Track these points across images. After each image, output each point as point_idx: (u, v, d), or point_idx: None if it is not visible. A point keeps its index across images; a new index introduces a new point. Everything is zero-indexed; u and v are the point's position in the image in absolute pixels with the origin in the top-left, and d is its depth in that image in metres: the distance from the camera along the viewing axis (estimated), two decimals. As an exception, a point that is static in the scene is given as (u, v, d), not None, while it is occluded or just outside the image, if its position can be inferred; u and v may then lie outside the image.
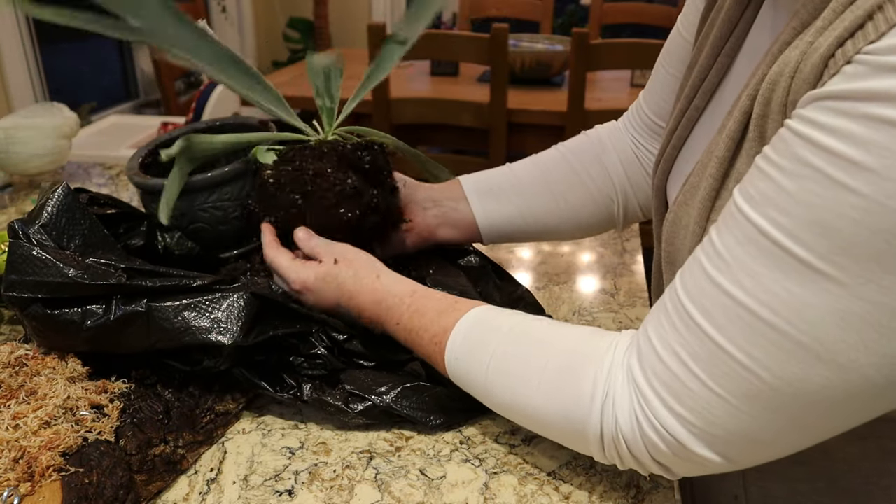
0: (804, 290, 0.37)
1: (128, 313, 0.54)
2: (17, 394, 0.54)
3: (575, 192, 0.74)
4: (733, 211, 0.41)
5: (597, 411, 0.47)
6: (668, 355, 0.43)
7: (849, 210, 0.34)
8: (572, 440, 0.50)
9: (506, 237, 0.75)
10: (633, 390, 0.46)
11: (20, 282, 0.55)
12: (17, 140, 1.07)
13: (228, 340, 0.54)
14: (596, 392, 0.47)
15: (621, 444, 0.46)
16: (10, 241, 0.57)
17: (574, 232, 0.77)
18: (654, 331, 0.45)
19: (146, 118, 1.65)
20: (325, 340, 0.60)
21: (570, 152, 0.77)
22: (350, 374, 0.60)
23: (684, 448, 0.43)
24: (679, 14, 0.69)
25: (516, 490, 0.54)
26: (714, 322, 0.41)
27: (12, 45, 2.27)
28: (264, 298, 0.57)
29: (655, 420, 0.44)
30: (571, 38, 1.82)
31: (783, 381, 0.39)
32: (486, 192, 0.73)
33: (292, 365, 0.59)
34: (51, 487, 0.47)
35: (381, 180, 0.68)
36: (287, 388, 0.59)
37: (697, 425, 0.42)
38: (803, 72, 0.39)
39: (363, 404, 0.58)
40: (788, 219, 0.37)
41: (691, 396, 0.42)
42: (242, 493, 0.53)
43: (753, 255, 0.39)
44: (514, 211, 0.74)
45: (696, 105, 0.58)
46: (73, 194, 0.62)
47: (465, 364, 0.54)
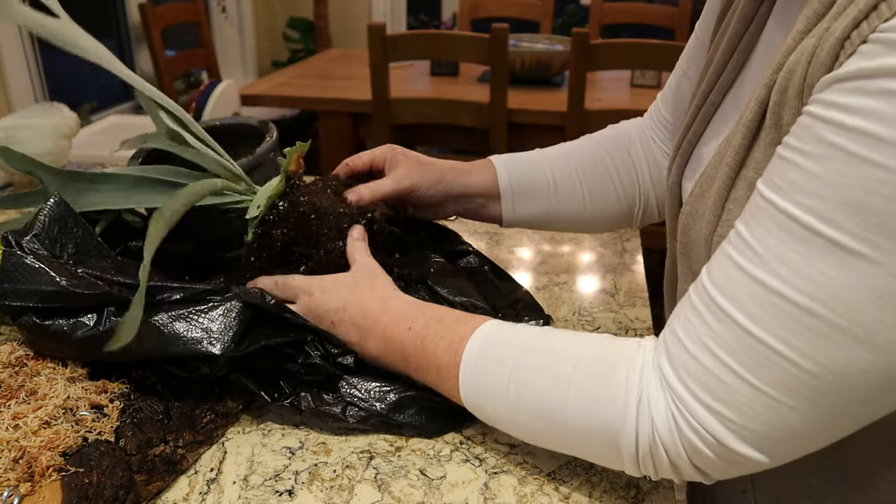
0: (839, 273, 0.37)
1: (117, 325, 0.54)
2: (17, 394, 0.54)
3: (601, 191, 0.75)
4: (760, 203, 0.41)
5: (632, 415, 0.45)
6: (699, 350, 0.43)
7: (877, 186, 0.35)
8: (603, 450, 0.48)
9: (527, 225, 0.76)
10: (666, 391, 0.45)
11: (13, 290, 0.55)
12: (17, 140, 1.07)
13: (219, 351, 0.54)
14: (630, 395, 0.46)
15: (658, 448, 0.45)
16: (4, 250, 0.57)
17: (590, 228, 0.78)
18: (682, 328, 0.45)
19: (146, 118, 1.65)
20: (319, 350, 0.60)
21: (599, 145, 0.77)
22: (347, 382, 0.59)
23: (723, 447, 0.42)
24: (679, 15, 0.70)
25: (516, 490, 0.54)
26: (747, 312, 0.40)
27: (12, 45, 2.26)
28: (257, 307, 0.57)
29: (693, 419, 0.43)
30: (571, 38, 1.82)
31: (822, 368, 0.38)
32: (521, 194, 0.73)
33: (289, 372, 0.59)
34: (51, 487, 0.47)
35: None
36: (284, 396, 0.58)
37: (735, 421, 0.41)
38: (819, 56, 0.39)
39: (360, 413, 0.58)
40: (818, 202, 0.37)
41: (727, 391, 0.41)
42: (242, 493, 0.53)
43: (786, 241, 0.38)
44: (542, 212, 0.74)
45: (711, 101, 0.58)
46: (66, 204, 0.62)
47: (482, 377, 0.52)
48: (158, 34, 2.60)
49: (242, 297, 0.56)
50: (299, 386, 0.59)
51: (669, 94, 0.75)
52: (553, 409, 0.49)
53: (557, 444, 0.51)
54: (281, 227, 0.65)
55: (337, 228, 0.65)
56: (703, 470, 0.45)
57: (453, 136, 2.18)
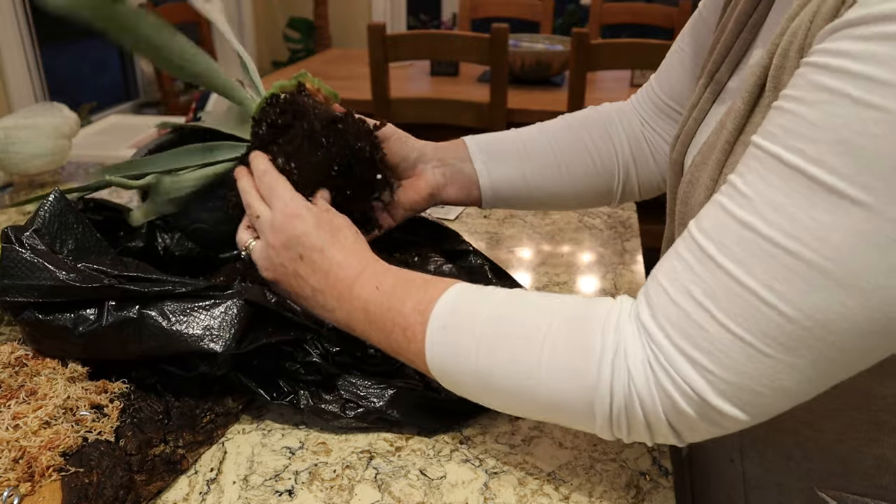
0: (829, 215, 0.36)
1: (120, 319, 0.54)
2: (17, 394, 0.54)
3: (578, 161, 0.75)
4: (752, 151, 0.40)
5: (607, 369, 0.44)
6: (681, 297, 0.42)
7: (872, 126, 0.34)
8: (576, 410, 0.46)
9: (504, 201, 0.75)
10: (644, 339, 0.44)
11: (13, 286, 0.55)
12: (17, 140, 1.07)
13: (220, 348, 0.54)
14: (605, 349, 0.44)
15: (633, 402, 0.44)
16: (3, 245, 0.57)
17: (571, 201, 0.77)
18: (666, 276, 0.44)
19: (146, 118, 1.65)
20: (319, 348, 0.59)
21: (577, 122, 0.77)
22: (346, 380, 0.59)
23: (701, 400, 0.42)
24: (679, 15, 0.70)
25: (516, 490, 0.54)
26: (734, 257, 0.40)
27: (12, 45, 2.26)
28: (258, 305, 0.57)
29: (671, 368, 0.42)
30: (571, 38, 1.82)
31: (803, 314, 0.38)
32: (491, 155, 0.73)
33: (288, 371, 0.59)
34: (51, 487, 0.47)
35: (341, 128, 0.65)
36: (284, 394, 0.59)
37: (714, 371, 0.41)
38: (822, 12, 0.39)
39: (358, 410, 0.58)
40: (810, 144, 0.37)
41: (707, 338, 0.41)
42: (242, 493, 0.53)
43: (776, 185, 0.38)
44: (518, 176, 0.73)
45: (718, 79, 0.59)
46: (67, 200, 0.62)
47: (452, 333, 0.50)
48: (158, 34, 2.60)
49: (244, 295, 0.56)
50: (298, 385, 0.59)
51: (664, 74, 0.76)
52: (525, 369, 0.47)
53: (529, 406, 0.49)
54: (279, 114, 0.64)
55: (332, 125, 0.64)
56: (677, 429, 0.44)
57: (453, 136, 2.17)
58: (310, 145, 0.63)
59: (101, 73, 3.01)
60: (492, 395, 0.50)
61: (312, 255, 0.57)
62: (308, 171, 0.63)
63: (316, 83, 0.68)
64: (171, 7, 2.76)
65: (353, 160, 0.64)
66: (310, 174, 0.63)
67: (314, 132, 0.63)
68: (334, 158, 0.63)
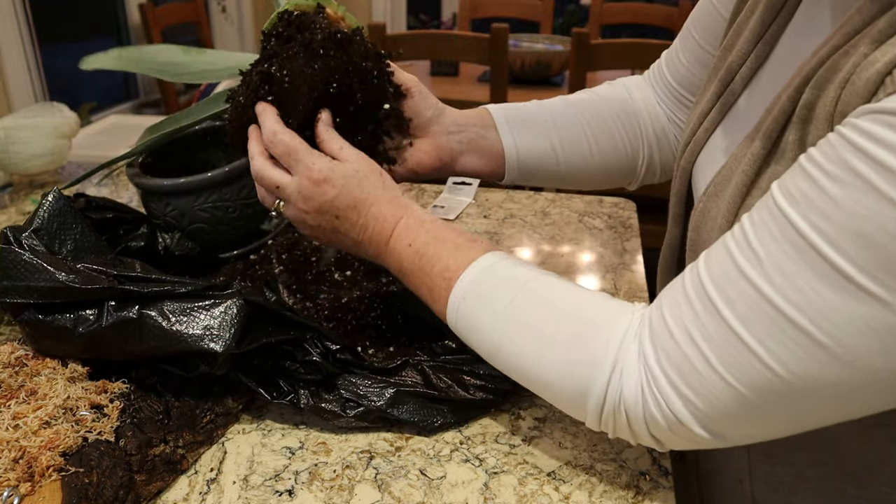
0: (836, 297, 0.37)
1: (120, 319, 0.54)
2: (17, 394, 0.54)
3: (605, 135, 0.72)
4: (770, 206, 0.40)
5: (604, 378, 0.47)
6: (681, 335, 0.43)
7: (894, 226, 0.34)
8: (571, 403, 0.50)
9: (529, 175, 0.71)
10: (642, 366, 0.46)
11: (12, 287, 0.55)
12: (17, 140, 1.07)
13: (220, 348, 0.54)
14: (607, 359, 0.47)
15: (621, 414, 0.47)
16: (2, 246, 0.57)
17: (597, 178, 0.74)
18: (670, 310, 0.45)
19: (146, 118, 1.65)
20: (319, 347, 0.60)
21: (600, 97, 0.75)
22: (346, 380, 0.60)
23: (683, 427, 0.44)
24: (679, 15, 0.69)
25: (516, 490, 0.54)
26: (736, 311, 0.40)
27: (12, 45, 2.26)
28: (257, 305, 0.57)
29: (661, 397, 0.45)
30: (571, 38, 1.82)
31: (796, 377, 0.39)
32: (518, 123, 0.69)
33: (288, 370, 0.59)
34: (51, 487, 0.47)
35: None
36: (284, 393, 0.59)
37: (701, 408, 0.43)
38: (856, 84, 0.38)
39: (359, 409, 0.58)
40: (830, 225, 0.36)
41: (699, 380, 0.42)
42: (242, 493, 0.53)
43: (789, 254, 0.38)
44: (547, 146, 0.70)
45: (732, 90, 0.57)
46: (66, 199, 0.62)
47: (472, 307, 0.53)
48: (158, 34, 2.60)
49: (244, 295, 0.56)
50: (298, 384, 0.59)
51: (675, 60, 0.73)
52: (531, 360, 0.51)
53: (529, 384, 0.53)
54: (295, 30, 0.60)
55: (335, 38, 0.60)
56: (659, 440, 0.47)
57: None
58: (306, 55, 0.59)
59: (101, 73, 3.01)
60: (498, 363, 0.54)
61: (348, 213, 0.58)
62: (301, 81, 0.59)
63: (341, 11, 0.64)
64: (171, 7, 2.76)
65: (354, 80, 0.60)
66: (302, 86, 0.59)
67: (313, 42, 0.59)
68: (332, 73, 0.59)
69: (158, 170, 0.75)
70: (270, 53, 0.61)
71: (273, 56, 0.60)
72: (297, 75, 0.59)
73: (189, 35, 3.13)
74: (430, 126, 0.67)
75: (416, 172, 0.67)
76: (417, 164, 0.67)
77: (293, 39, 0.60)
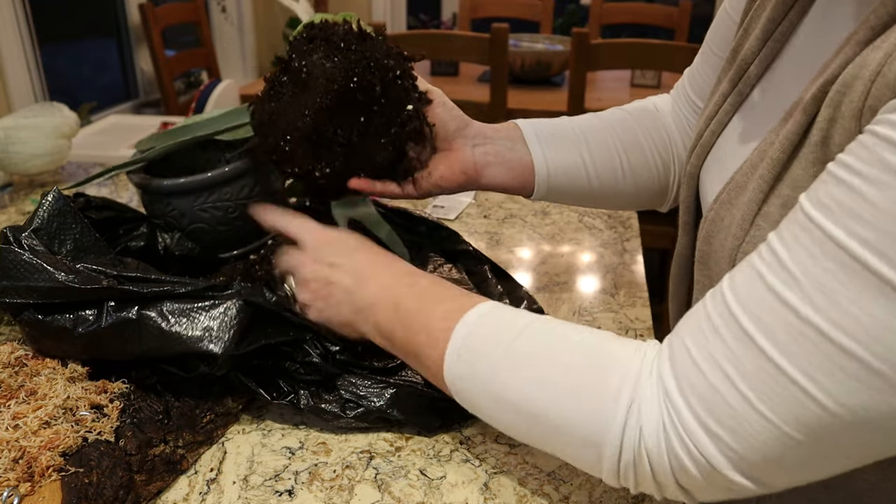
0: (887, 314, 0.33)
1: (119, 320, 0.54)
2: (17, 394, 0.54)
3: (636, 151, 0.70)
4: (801, 220, 0.37)
5: (620, 420, 0.42)
6: (709, 367, 0.39)
7: None
8: (583, 453, 0.44)
9: (560, 190, 0.68)
10: (663, 401, 0.41)
11: (12, 287, 0.55)
12: (17, 140, 1.07)
13: (219, 349, 0.54)
14: (620, 399, 0.42)
15: (643, 460, 0.41)
16: (2, 246, 0.57)
17: (629, 197, 0.71)
18: (693, 339, 0.41)
19: (146, 118, 1.65)
20: (318, 348, 0.59)
21: (630, 114, 0.73)
22: (345, 380, 0.59)
23: (715, 472, 0.39)
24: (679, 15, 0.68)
25: (516, 490, 0.54)
26: (774, 339, 0.36)
27: (12, 45, 2.26)
28: (257, 306, 0.57)
29: (687, 437, 0.40)
30: (571, 38, 1.82)
31: (845, 409, 0.35)
32: (547, 137, 0.66)
33: (288, 371, 0.59)
34: (51, 487, 0.47)
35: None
36: (284, 394, 0.58)
37: (735, 448, 0.38)
38: (887, 76, 0.35)
39: (359, 410, 0.58)
40: (875, 234, 0.33)
41: (733, 416, 0.38)
42: (242, 493, 0.53)
43: (830, 270, 0.35)
44: (578, 162, 0.67)
45: (739, 90, 0.56)
46: (66, 199, 0.62)
47: (471, 351, 0.48)
48: (158, 34, 2.60)
49: (243, 295, 0.56)
50: (298, 385, 0.59)
51: (696, 74, 0.72)
52: (537, 407, 0.45)
53: (537, 439, 0.47)
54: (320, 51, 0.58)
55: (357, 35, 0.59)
56: (687, 490, 0.42)
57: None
58: (327, 49, 0.58)
59: (101, 73, 3.01)
60: (500, 421, 0.49)
61: (342, 260, 0.57)
62: (320, 73, 0.57)
63: (368, 29, 0.62)
64: (171, 7, 2.76)
65: (375, 76, 0.59)
66: (322, 79, 0.57)
67: (335, 36, 0.58)
68: (352, 66, 0.57)
69: (158, 170, 0.75)
70: (290, 52, 0.60)
71: (293, 53, 0.60)
72: (316, 67, 0.57)
73: (189, 35, 3.13)
74: (454, 138, 0.65)
75: (441, 187, 0.65)
76: (441, 178, 0.65)
77: (315, 39, 0.59)
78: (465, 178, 0.65)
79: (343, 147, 0.60)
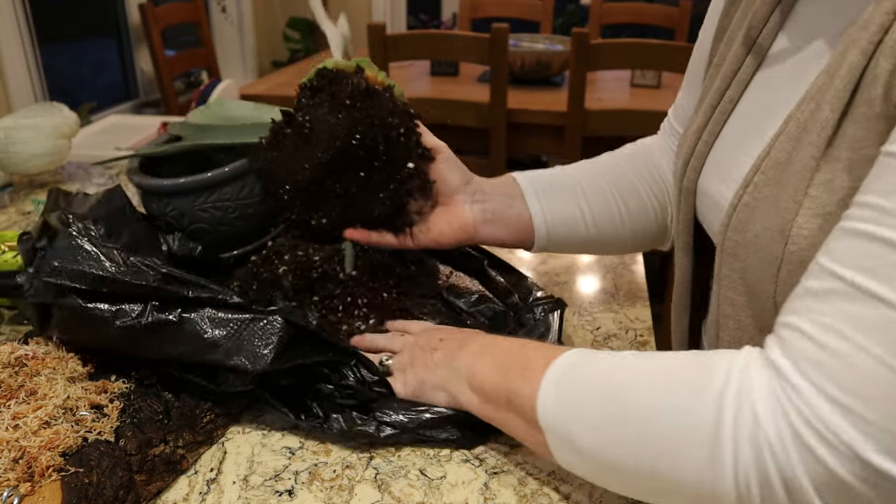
0: None
1: (159, 320, 0.54)
2: (17, 394, 0.54)
3: (633, 197, 0.70)
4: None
5: (730, 408, 0.38)
6: (824, 334, 0.37)
7: None
8: (695, 462, 0.39)
9: (558, 244, 0.69)
10: (774, 380, 0.38)
11: (63, 269, 0.55)
12: (17, 140, 1.07)
13: (254, 366, 0.53)
14: (729, 385, 0.39)
15: (764, 455, 0.37)
16: (60, 229, 0.57)
17: (628, 242, 0.72)
18: (801, 319, 0.39)
19: (146, 118, 1.65)
20: (357, 373, 0.58)
21: (622, 159, 0.73)
22: (383, 404, 0.58)
23: (855, 456, 0.35)
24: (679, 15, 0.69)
25: (516, 490, 0.54)
26: (894, 285, 0.34)
27: (12, 45, 2.26)
28: (298, 326, 0.55)
29: (812, 417, 0.36)
30: (571, 38, 1.82)
31: None
32: (544, 190, 0.67)
33: (322, 393, 0.57)
34: (51, 487, 0.47)
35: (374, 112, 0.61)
36: (313, 417, 0.57)
37: (871, 419, 0.34)
38: None
39: (393, 432, 0.56)
40: None
41: (862, 379, 0.34)
42: (242, 493, 0.53)
43: None
44: (576, 213, 0.68)
45: (729, 97, 0.56)
46: (124, 193, 0.65)
47: (571, 380, 0.47)
48: (158, 34, 2.60)
49: (285, 314, 0.55)
50: (330, 408, 0.57)
51: (680, 109, 0.73)
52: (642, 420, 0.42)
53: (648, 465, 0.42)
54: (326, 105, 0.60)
55: (363, 91, 0.60)
56: (824, 497, 0.36)
57: (453, 136, 2.17)
58: (332, 105, 0.59)
59: (101, 73, 3.01)
60: (601, 458, 0.45)
61: (450, 334, 0.62)
62: (323, 129, 0.58)
63: (381, 76, 0.63)
64: (171, 7, 2.76)
65: (379, 134, 0.60)
66: (325, 134, 0.58)
67: (340, 93, 0.59)
68: (356, 125, 0.58)
69: (158, 170, 0.75)
70: (299, 106, 0.62)
71: (301, 108, 0.62)
72: (320, 122, 0.59)
73: (189, 35, 3.13)
74: (455, 194, 0.66)
75: (438, 242, 0.66)
76: (440, 233, 0.66)
77: (322, 91, 0.61)
78: (463, 234, 0.66)
79: (341, 199, 0.62)
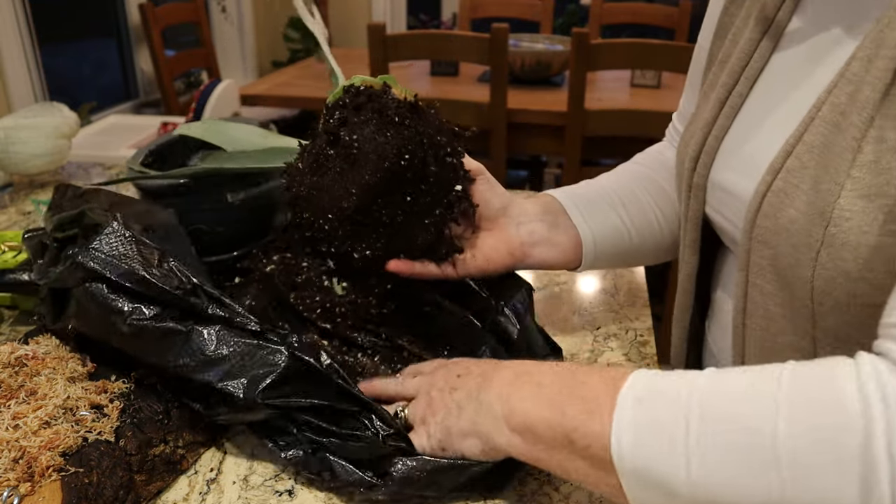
0: None
1: (169, 328, 0.53)
2: (17, 394, 0.54)
3: (665, 202, 0.69)
4: None
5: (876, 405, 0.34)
6: None
7: None
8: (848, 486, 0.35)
9: (606, 256, 0.66)
10: None
11: (97, 257, 0.55)
12: (17, 140, 1.07)
13: (245, 393, 0.51)
14: (866, 387, 0.35)
15: None
16: (112, 224, 0.57)
17: (669, 249, 0.70)
18: None
19: (146, 118, 1.65)
20: (371, 427, 0.52)
21: (645, 165, 0.72)
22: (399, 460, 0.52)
23: None
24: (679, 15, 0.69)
25: (516, 490, 0.54)
26: None
27: (12, 45, 2.26)
28: (306, 363, 0.52)
29: None
30: (571, 38, 1.82)
31: None
32: (585, 204, 0.65)
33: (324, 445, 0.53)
34: (51, 487, 0.47)
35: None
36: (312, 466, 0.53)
37: None
38: None
39: (394, 487, 0.51)
40: None
41: None
42: (242, 493, 0.53)
43: None
44: (618, 224, 0.65)
45: (738, 92, 0.56)
46: (174, 214, 0.67)
47: (649, 408, 0.41)
48: (158, 34, 2.60)
49: (294, 348, 0.53)
50: (333, 462, 0.52)
51: (684, 112, 0.73)
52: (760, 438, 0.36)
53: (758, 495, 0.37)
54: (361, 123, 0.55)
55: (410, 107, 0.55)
56: None
57: (453, 136, 2.17)
58: (380, 121, 0.54)
59: (101, 73, 3.01)
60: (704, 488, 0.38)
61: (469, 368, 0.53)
62: (371, 148, 0.54)
63: (407, 94, 0.58)
64: (171, 7, 2.76)
65: (427, 154, 0.56)
66: (373, 154, 0.54)
67: (387, 108, 0.55)
68: (406, 143, 0.54)
69: (158, 170, 0.75)
70: (338, 122, 0.56)
71: (343, 124, 0.56)
72: (368, 142, 0.54)
73: (189, 35, 3.13)
74: (498, 217, 0.62)
75: (485, 270, 0.61)
76: (486, 260, 0.61)
77: (363, 108, 0.56)
78: (511, 259, 0.62)
79: (386, 227, 0.57)
